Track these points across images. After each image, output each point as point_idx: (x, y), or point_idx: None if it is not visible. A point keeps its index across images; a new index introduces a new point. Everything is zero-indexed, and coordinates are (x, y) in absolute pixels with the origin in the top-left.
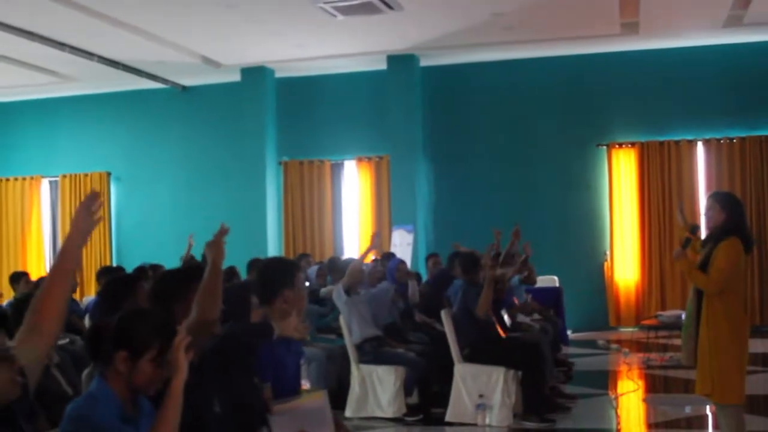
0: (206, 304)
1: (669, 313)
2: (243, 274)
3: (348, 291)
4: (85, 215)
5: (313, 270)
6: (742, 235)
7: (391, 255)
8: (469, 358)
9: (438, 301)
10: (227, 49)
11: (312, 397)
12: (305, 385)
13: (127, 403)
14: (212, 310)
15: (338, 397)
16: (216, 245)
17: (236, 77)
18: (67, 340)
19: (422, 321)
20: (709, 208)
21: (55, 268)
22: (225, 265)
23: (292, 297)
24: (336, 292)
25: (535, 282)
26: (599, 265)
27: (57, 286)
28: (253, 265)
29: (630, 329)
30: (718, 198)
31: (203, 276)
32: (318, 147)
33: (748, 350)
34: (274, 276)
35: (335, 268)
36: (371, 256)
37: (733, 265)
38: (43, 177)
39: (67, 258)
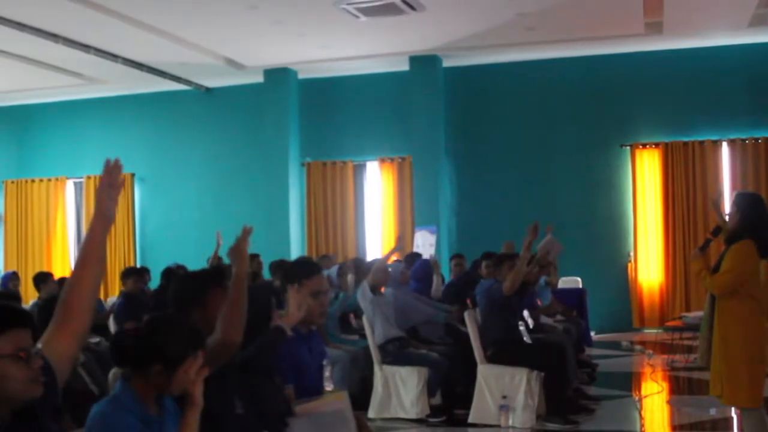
0: (230, 325)
1: (693, 315)
2: (266, 274)
3: (373, 290)
4: (108, 193)
5: (333, 270)
6: (757, 237)
7: (417, 255)
8: (492, 359)
9: (462, 301)
10: (250, 50)
11: (333, 398)
12: (328, 386)
13: (151, 405)
14: (237, 332)
15: (362, 398)
16: (239, 250)
17: (259, 78)
18: (97, 339)
19: (446, 322)
20: (729, 210)
21: (80, 258)
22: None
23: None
24: (361, 290)
25: (555, 286)
26: (623, 266)
27: (85, 277)
28: (278, 267)
29: (654, 330)
30: (737, 199)
31: (225, 284)
32: (340, 148)
33: (765, 353)
34: (283, 279)
35: (359, 269)
36: (394, 258)
37: (741, 268)
38: (68, 178)
39: (92, 246)
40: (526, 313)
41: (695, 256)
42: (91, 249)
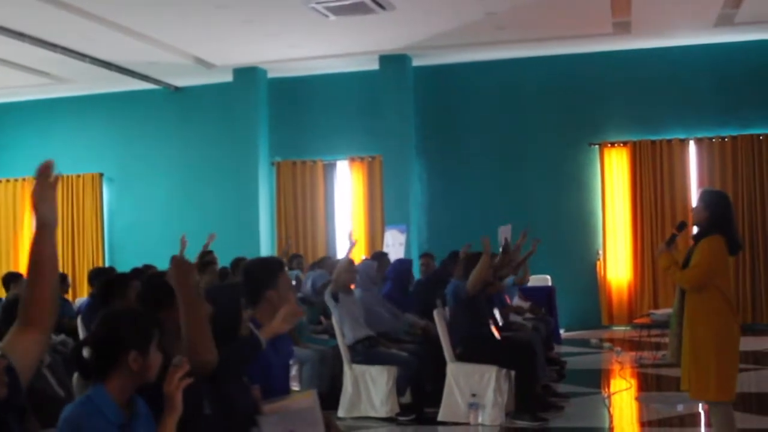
0: (199, 348)
1: (661, 312)
2: None
3: (336, 296)
4: (41, 195)
5: (315, 277)
6: (725, 234)
7: (383, 254)
8: (461, 357)
9: (431, 300)
10: (219, 49)
11: (301, 396)
12: (295, 386)
13: (124, 408)
14: (208, 351)
15: (331, 397)
16: (180, 266)
17: (228, 78)
18: (61, 337)
19: (412, 321)
20: (695, 206)
21: (32, 270)
22: (219, 265)
23: (276, 298)
24: (326, 295)
25: (527, 282)
26: (592, 263)
27: (40, 286)
28: (237, 265)
29: (622, 328)
30: (704, 196)
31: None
32: (310, 147)
33: (735, 348)
34: (257, 277)
35: (327, 267)
36: (362, 256)
37: (711, 263)
38: (35, 179)
39: (40, 257)
40: (495, 310)
41: (662, 251)
42: (41, 260)
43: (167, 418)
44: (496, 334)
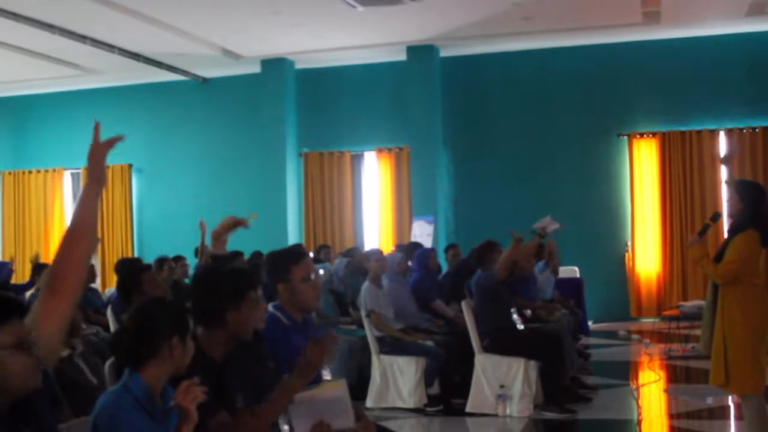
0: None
1: (690, 304)
2: None
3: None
4: (102, 150)
5: (338, 265)
6: (760, 226)
7: (416, 245)
8: (489, 349)
9: (459, 291)
10: (247, 40)
11: (330, 386)
12: (326, 376)
13: (157, 397)
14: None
15: (359, 387)
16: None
17: (256, 69)
18: (95, 329)
19: (439, 310)
20: (729, 197)
21: (74, 229)
22: (247, 254)
23: (283, 290)
24: (365, 285)
25: (555, 276)
26: (620, 255)
27: (79, 248)
28: (255, 257)
29: (651, 320)
30: (738, 187)
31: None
32: (338, 138)
33: (766, 340)
34: (270, 270)
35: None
36: (390, 246)
37: (745, 258)
38: (65, 169)
39: (86, 215)
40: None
41: (694, 242)
42: (86, 219)
43: (183, 427)
44: (520, 325)
